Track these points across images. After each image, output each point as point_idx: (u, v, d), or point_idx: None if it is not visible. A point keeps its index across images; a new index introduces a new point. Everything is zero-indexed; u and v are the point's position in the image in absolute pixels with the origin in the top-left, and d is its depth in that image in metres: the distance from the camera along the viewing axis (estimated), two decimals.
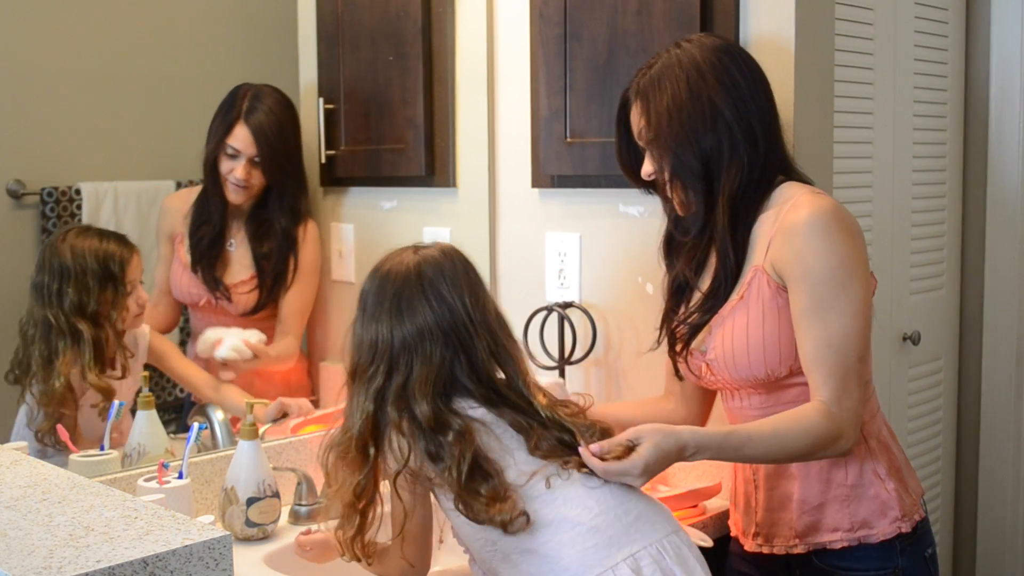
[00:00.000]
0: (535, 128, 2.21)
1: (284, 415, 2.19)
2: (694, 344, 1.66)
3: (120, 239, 1.99)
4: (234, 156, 2.23)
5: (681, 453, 1.43)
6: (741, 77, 1.61)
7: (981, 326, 2.57)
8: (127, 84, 2.18)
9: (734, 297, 1.61)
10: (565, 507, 1.38)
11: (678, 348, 1.70)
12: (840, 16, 2.05)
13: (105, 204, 2.08)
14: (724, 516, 1.84)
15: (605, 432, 1.47)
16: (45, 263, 1.92)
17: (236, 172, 2.22)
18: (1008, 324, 2.53)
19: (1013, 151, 2.50)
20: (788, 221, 1.56)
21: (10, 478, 1.22)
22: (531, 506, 1.38)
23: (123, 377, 1.96)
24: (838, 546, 1.60)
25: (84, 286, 1.90)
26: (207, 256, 2.26)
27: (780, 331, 1.56)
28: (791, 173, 1.66)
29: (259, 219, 2.30)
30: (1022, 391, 2.52)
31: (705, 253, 1.68)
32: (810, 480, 1.62)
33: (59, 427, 1.87)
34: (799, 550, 1.63)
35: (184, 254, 2.26)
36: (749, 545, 1.70)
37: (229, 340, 2.17)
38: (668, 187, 1.64)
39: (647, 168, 1.65)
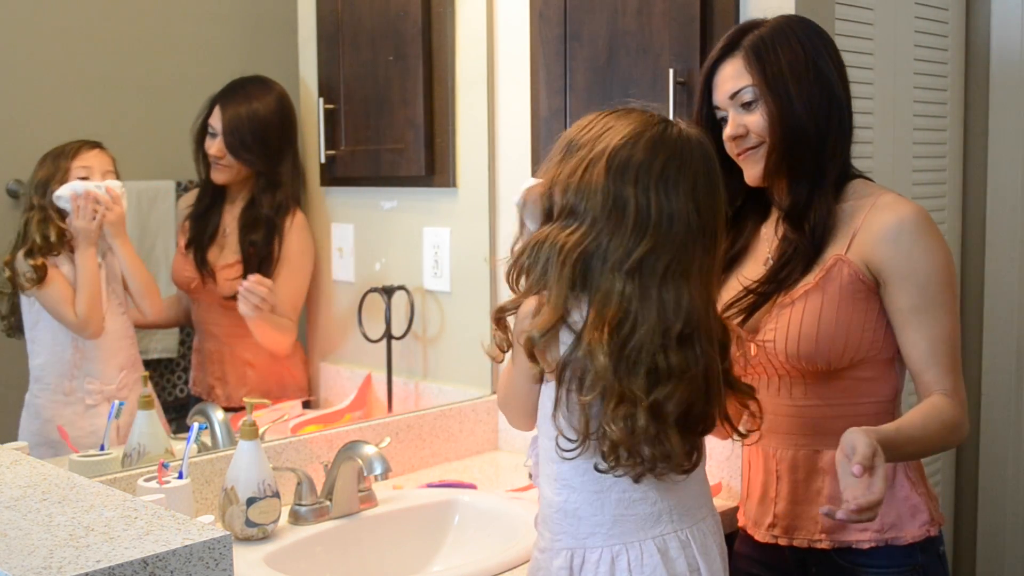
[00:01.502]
0: (535, 128, 2.21)
1: None
2: (747, 325, 1.63)
3: (91, 141, 2.08)
4: (213, 135, 2.30)
5: None
6: (841, 62, 1.63)
7: (981, 326, 2.57)
8: (127, 84, 2.18)
9: (810, 280, 1.58)
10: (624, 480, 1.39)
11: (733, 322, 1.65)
12: (840, 16, 2.04)
13: None
14: (727, 515, 1.83)
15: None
16: None
17: (211, 149, 2.29)
18: (1008, 324, 2.53)
19: (1013, 151, 2.50)
20: (886, 219, 1.55)
21: (10, 478, 1.22)
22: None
23: (58, 254, 2.01)
24: (866, 546, 1.59)
25: (37, 168, 2.03)
26: (200, 238, 2.32)
27: (851, 321, 1.56)
28: (851, 170, 1.66)
29: (250, 208, 2.34)
30: (1022, 391, 2.52)
31: (748, 239, 1.68)
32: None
33: (59, 427, 1.89)
34: (823, 546, 1.62)
35: (183, 240, 2.31)
36: (762, 535, 1.68)
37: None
38: (763, 149, 1.59)
39: (733, 130, 1.60)
